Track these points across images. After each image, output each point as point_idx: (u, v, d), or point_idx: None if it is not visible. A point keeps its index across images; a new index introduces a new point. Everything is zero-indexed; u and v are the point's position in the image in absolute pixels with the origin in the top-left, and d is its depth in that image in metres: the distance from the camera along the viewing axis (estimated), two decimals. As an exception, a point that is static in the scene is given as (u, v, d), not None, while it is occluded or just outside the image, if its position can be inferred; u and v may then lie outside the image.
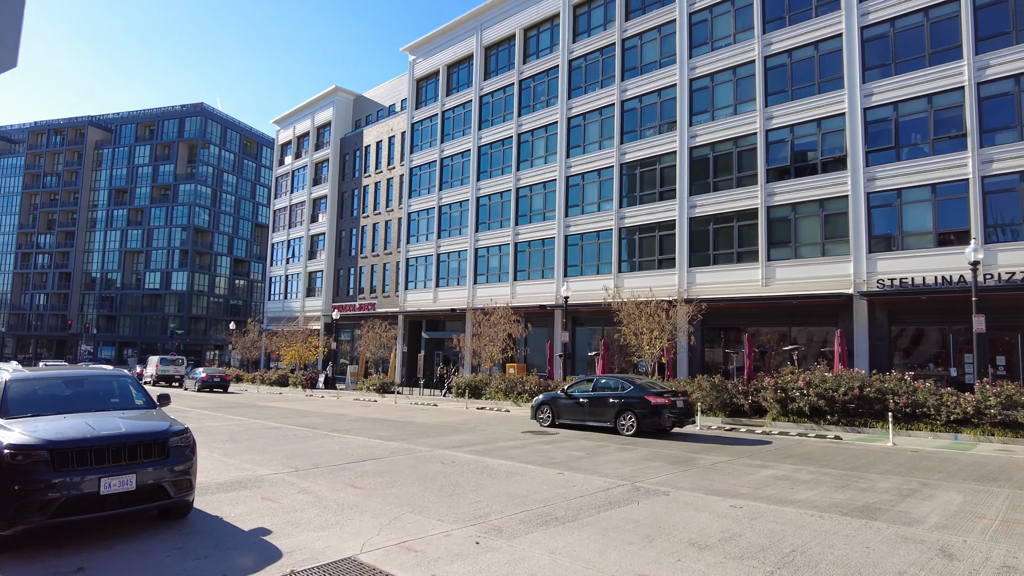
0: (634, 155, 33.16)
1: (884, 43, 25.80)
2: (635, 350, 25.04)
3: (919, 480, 10.37)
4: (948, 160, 23.57)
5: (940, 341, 23.98)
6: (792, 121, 27.75)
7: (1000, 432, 15.74)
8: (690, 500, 8.72)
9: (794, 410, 18.59)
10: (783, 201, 27.57)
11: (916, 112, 24.71)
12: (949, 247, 22.98)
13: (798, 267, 26.73)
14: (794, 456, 13.05)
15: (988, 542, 6.84)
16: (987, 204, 22.75)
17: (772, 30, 28.80)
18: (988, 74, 23.01)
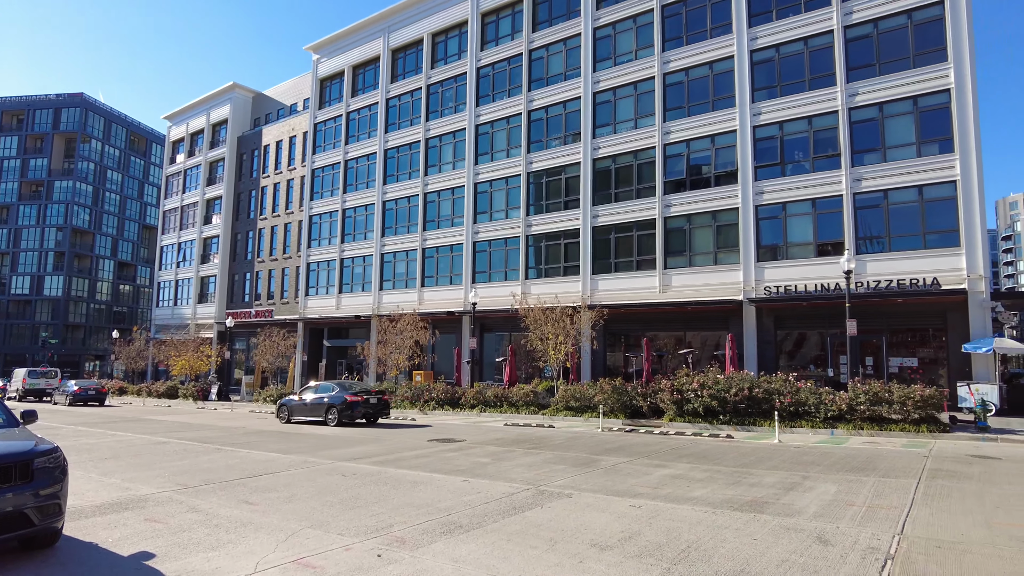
0: (541, 164, 33.77)
1: (771, 66, 27.72)
2: (541, 355, 25.45)
3: (801, 474, 11.12)
4: (826, 177, 25.62)
5: (819, 344, 25.95)
6: (688, 136, 29.23)
7: (868, 426, 17.21)
8: (592, 502, 8.91)
9: (689, 411, 19.49)
10: (679, 212, 28.95)
11: (799, 132, 26.70)
12: (827, 257, 24.94)
13: (693, 275, 28.12)
14: (689, 455, 13.66)
15: (857, 527, 7.42)
16: (858, 218, 24.90)
17: (671, 48, 30.25)
18: (857, 100, 25.24)
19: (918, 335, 24.44)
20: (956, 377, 21.99)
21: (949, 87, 23.52)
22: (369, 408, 21.41)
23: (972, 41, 23.38)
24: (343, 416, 20.87)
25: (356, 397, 21.12)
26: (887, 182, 24.40)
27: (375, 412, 21.68)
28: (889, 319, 24.25)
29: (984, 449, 14.38)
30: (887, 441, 15.86)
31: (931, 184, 23.60)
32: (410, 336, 29.77)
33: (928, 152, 23.92)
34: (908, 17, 24.85)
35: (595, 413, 20.88)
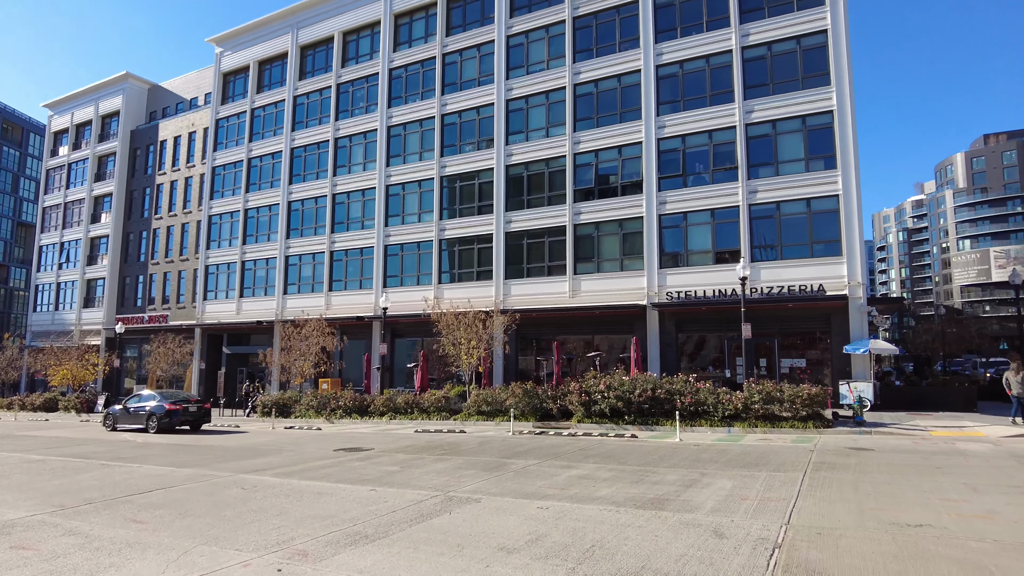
0: (454, 169, 33.72)
1: (675, 82, 29.02)
2: (454, 360, 25.34)
3: (699, 471, 11.65)
4: (724, 189, 27.08)
5: (718, 346, 27.33)
6: (597, 147, 30.09)
7: (762, 424, 18.29)
8: (501, 505, 8.96)
9: (597, 412, 20.01)
10: (588, 220, 29.73)
11: (700, 145, 28.07)
12: (724, 264, 26.33)
13: (601, 280, 28.94)
14: (596, 455, 14.01)
15: (749, 519, 7.86)
16: (753, 228, 26.47)
17: (582, 60, 31.05)
18: (753, 117, 26.88)
19: (806, 337, 26.26)
20: (838, 376, 23.78)
21: (832, 108, 25.50)
22: (189, 416, 22.97)
23: (851, 67, 25.47)
24: (162, 424, 22.30)
25: (176, 406, 22.71)
26: (779, 195, 26.11)
27: (196, 420, 23.33)
28: (781, 323, 25.92)
29: (860, 442, 15.62)
30: (778, 437, 16.90)
31: (817, 197, 25.47)
32: (316, 342, 28.82)
33: (815, 168, 25.81)
34: (797, 42, 26.74)
35: (506, 417, 21.02)
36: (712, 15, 28.43)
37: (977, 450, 13.83)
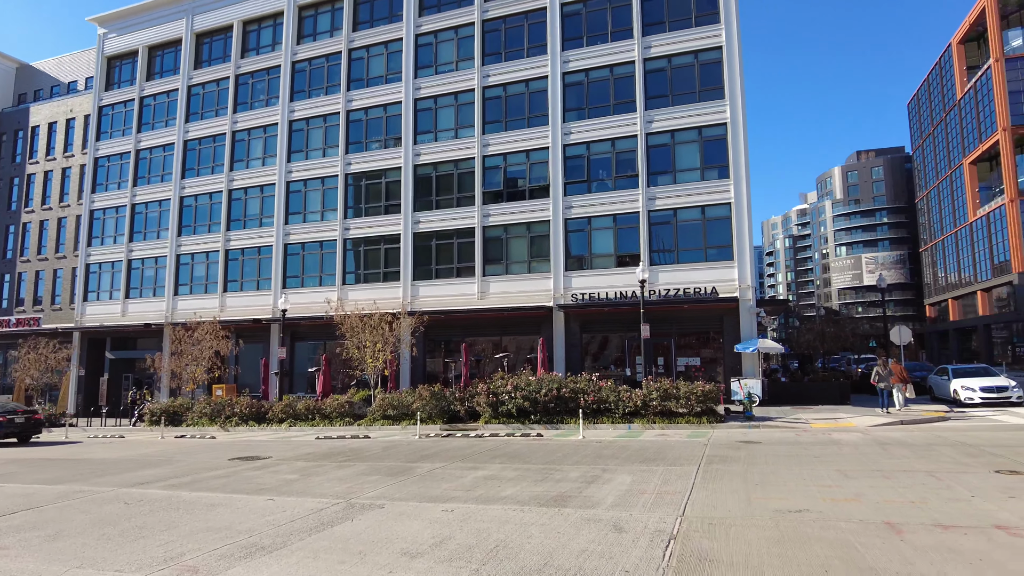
0: (360, 167, 32.99)
1: (581, 89, 29.78)
2: (358, 364, 24.75)
3: (601, 467, 12.00)
4: (626, 195, 28.07)
5: (620, 346, 28.27)
6: (505, 150, 30.37)
7: (660, 420, 19.10)
8: (405, 510, 8.84)
9: (504, 412, 20.18)
10: (497, 222, 29.95)
11: (603, 152, 28.95)
12: (626, 268, 27.27)
13: (509, 282, 29.23)
14: (502, 455, 14.12)
15: (647, 513, 8.19)
16: (652, 233, 27.60)
17: (491, 63, 31.24)
18: (654, 127, 28.04)
19: (701, 337, 27.67)
20: (730, 373, 25.22)
21: (726, 121, 27.04)
22: (14, 428, 22.21)
23: (743, 83, 27.13)
24: None
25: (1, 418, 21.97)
26: (677, 202, 27.38)
27: (22, 432, 22.55)
28: (677, 323, 27.18)
29: (750, 435, 16.64)
30: (675, 432, 17.70)
31: (711, 205, 26.93)
32: (210, 346, 27.30)
33: (710, 177, 27.27)
34: (695, 57, 28.16)
35: (413, 420, 20.77)
36: (617, 26, 29.43)
37: (849, 439, 15.07)
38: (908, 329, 26.10)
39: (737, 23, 27.39)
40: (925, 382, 27.42)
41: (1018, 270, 59.01)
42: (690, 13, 28.40)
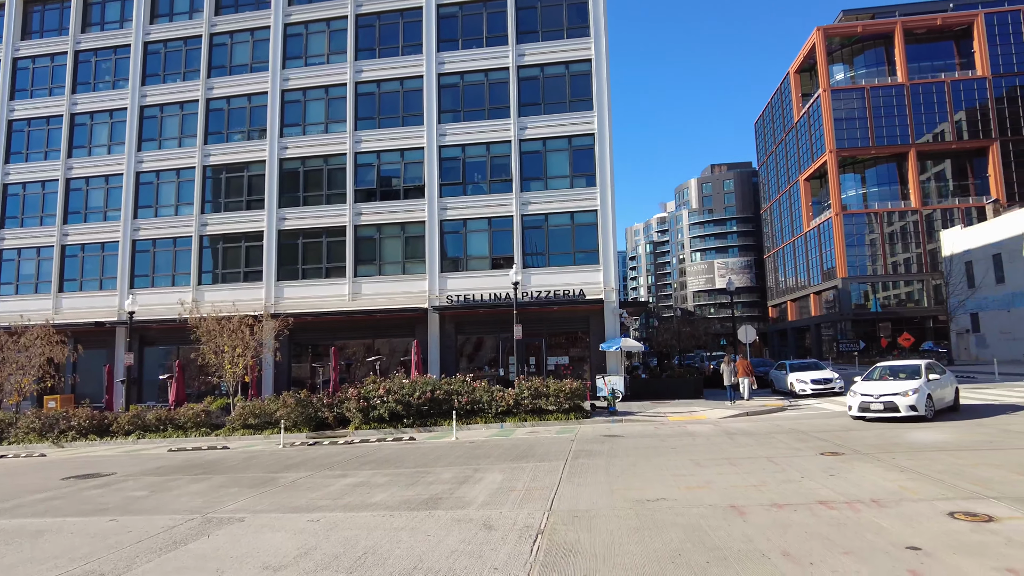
0: (220, 159, 30.93)
1: (456, 92, 29.86)
2: (215, 370, 23.13)
3: (473, 467, 12.10)
4: (500, 199, 28.52)
5: (494, 346, 28.65)
6: (379, 148, 29.79)
7: (531, 418, 19.58)
8: (267, 522, 8.40)
9: (375, 417, 19.74)
10: (370, 221, 29.30)
11: (479, 156, 29.23)
12: (500, 270, 27.70)
13: (382, 283, 28.68)
14: (373, 461, 13.82)
15: (516, 509, 8.37)
16: (525, 237, 28.25)
17: (364, 59, 30.50)
18: (527, 134, 28.72)
19: (570, 337, 28.71)
20: (596, 371, 26.37)
21: (593, 132, 28.28)
22: None
23: (610, 95, 28.52)
24: None
25: None
26: (548, 207, 28.23)
27: None
28: (548, 324, 28.01)
29: (613, 430, 17.50)
30: (545, 430, 18.23)
31: (580, 211, 28.04)
32: (40, 353, 24.32)
33: (578, 184, 28.37)
34: (566, 67, 29.19)
35: (277, 429, 19.75)
36: (492, 32, 29.84)
37: (701, 431, 16.30)
38: (753, 328, 28.65)
39: (606, 38, 28.76)
40: (767, 376, 30.26)
41: (842, 276, 66.86)
42: (562, 25, 29.43)
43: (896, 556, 5.83)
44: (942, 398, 16.78)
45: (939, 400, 16.51)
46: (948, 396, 17.24)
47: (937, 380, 16.83)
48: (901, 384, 16.20)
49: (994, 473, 9.12)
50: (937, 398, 16.37)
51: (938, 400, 16.42)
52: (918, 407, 15.47)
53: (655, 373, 32.19)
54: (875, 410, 15.96)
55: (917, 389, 15.70)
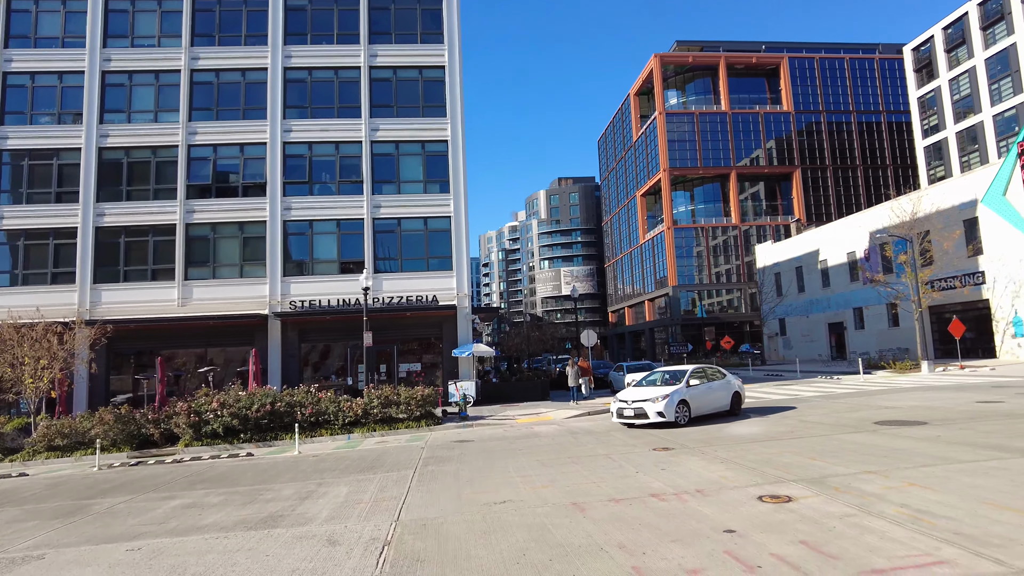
0: (22, 142, 27.06)
1: (304, 87, 28.58)
2: (12, 385, 20.12)
3: (317, 481, 11.59)
4: (350, 200, 27.69)
5: (342, 354, 27.69)
6: (216, 141, 27.70)
7: (381, 427, 19.16)
8: (76, 557, 7.44)
9: (208, 433, 18.25)
10: (204, 220, 27.13)
11: (327, 155, 28.16)
12: (349, 274, 26.87)
13: (217, 287, 26.65)
14: (205, 480, 12.76)
15: (362, 522, 8.14)
16: (377, 241, 27.67)
17: (201, 45, 28.24)
18: (379, 136, 28.19)
19: (422, 343, 28.51)
20: (448, 377, 26.44)
21: (447, 138, 28.40)
22: None
23: (463, 104, 28.82)
24: None
25: None
26: (401, 211, 27.88)
27: None
28: (400, 330, 27.62)
29: (463, 435, 17.62)
30: (395, 439, 17.92)
31: (433, 217, 28.00)
32: None
33: (432, 190, 28.33)
34: (419, 72, 29.06)
35: (92, 449, 17.57)
36: (343, 29, 28.95)
37: (547, 431, 16.91)
38: (594, 333, 30.30)
39: (459, 47, 29.05)
40: (607, 377, 32.13)
41: (673, 284, 72.85)
42: (416, 29, 29.28)
43: (715, 539, 6.43)
44: (710, 403, 16.79)
45: (706, 405, 16.60)
46: (720, 400, 17.13)
47: (699, 386, 16.71)
48: (655, 391, 16.18)
49: (794, 459, 10.39)
50: (702, 403, 16.46)
51: (704, 405, 16.53)
52: (666, 413, 15.42)
53: (505, 377, 32.93)
54: (627, 416, 16.10)
55: (667, 395, 15.66)
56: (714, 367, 18.38)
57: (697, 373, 17.29)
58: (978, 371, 27.06)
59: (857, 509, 7.15)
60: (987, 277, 33.05)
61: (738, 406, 17.63)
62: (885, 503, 7.33)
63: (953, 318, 31.91)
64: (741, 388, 18.06)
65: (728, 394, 17.45)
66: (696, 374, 17.18)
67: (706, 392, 16.83)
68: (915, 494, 7.65)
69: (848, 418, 15.17)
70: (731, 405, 17.40)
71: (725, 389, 17.50)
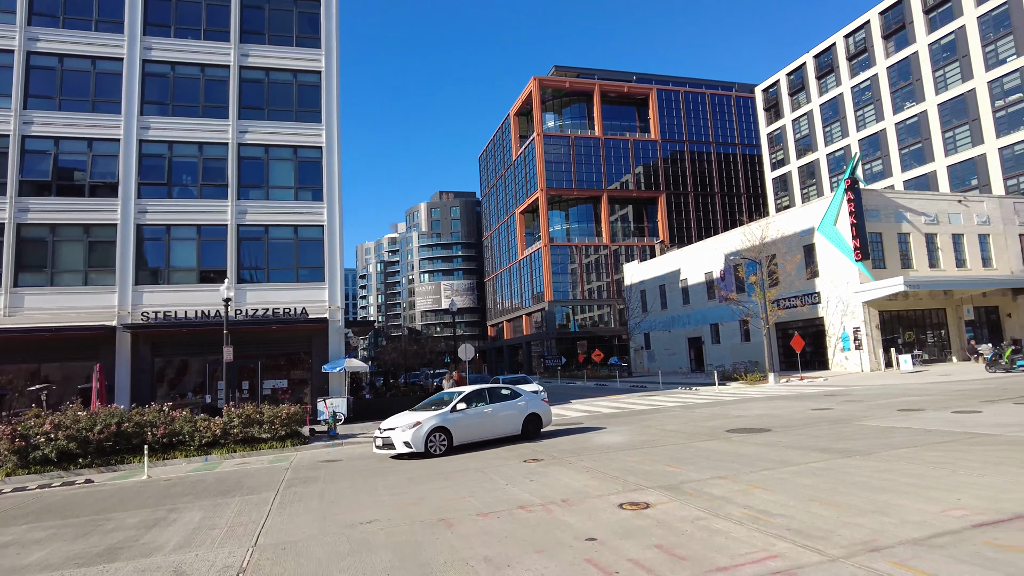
0: None
1: (165, 82, 26.57)
2: None
3: (168, 507, 10.66)
4: (213, 205, 25.99)
5: (201, 371, 25.78)
6: (59, 133, 25.05)
7: (242, 448, 17.99)
8: None
9: (38, 459, 16.24)
10: (41, 220, 24.36)
11: (189, 156, 26.31)
12: (210, 284, 25.14)
13: (57, 295, 23.97)
14: (30, 514, 11.31)
15: (216, 549, 7.58)
16: (242, 249, 26.16)
17: (42, 25, 25.49)
18: (247, 139, 26.76)
19: (290, 359, 27.20)
20: (318, 394, 25.39)
21: (321, 145, 27.52)
22: None
23: (339, 112, 28.10)
24: None
25: None
26: (269, 218, 26.56)
27: None
28: (266, 345, 26.19)
29: (333, 454, 16.97)
30: (257, 460, 16.89)
31: (305, 226, 26.92)
32: None
33: (304, 197, 27.26)
34: (294, 76, 27.99)
35: None
36: (212, 25, 27.30)
37: (420, 448, 16.67)
38: (472, 347, 30.42)
39: (338, 53, 28.34)
40: (483, 392, 32.28)
41: (548, 299, 74.96)
42: (291, 32, 28.22)
43: (578, 548, 6.63)
44: (488, 429, 15.51)
45: (479, 432, 15.34)
46: (503, 425, 15.82)
47: (468, 411, 15.28)
48: (412, 417, 14.89)
49: (654, 467, 10.98)
50: (473, 431, 15.20)
51: (476, 432, 15.28)
52: (413, 443, 14.14)
53: (380, 393, 32.16)
54: (379, 446, 14.78)
55: (416, 424, 14.43)
56: (511, 388, 16.85)
57: (473, 396, 15.82)
58: (814, 382, 30.12)
59: (707, 512, 7.68)
60: (822, 297, 36.97)
61: (535, 430, 16.37)
62: (732, 505, 7.93)
63: (795, 334, 35.37)
64: (543, 409, 16.71)
65: (519, 417, 16.08)
66: (471, 397, 15.74)
67: (478, 417, 15.37)
68: (757, 495, 8.34)
69: (704, 427, 16.29)
70: (523, 429, 16.10)
71: (513, 412, 16.05)
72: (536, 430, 16.52)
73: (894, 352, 34.21)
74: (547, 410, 17.04)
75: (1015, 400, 16.89)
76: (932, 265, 36.57)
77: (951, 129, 54.16)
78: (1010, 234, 39.15)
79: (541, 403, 16.96)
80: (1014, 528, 6.27)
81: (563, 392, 37.77)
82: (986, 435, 11.71)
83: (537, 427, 16.56)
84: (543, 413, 16.78)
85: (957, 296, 36.52)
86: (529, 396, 16.87)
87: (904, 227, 36.33)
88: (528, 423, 16.33)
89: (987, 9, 51.30)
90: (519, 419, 16.19)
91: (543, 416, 16.74)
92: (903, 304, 35.41)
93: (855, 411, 17.19)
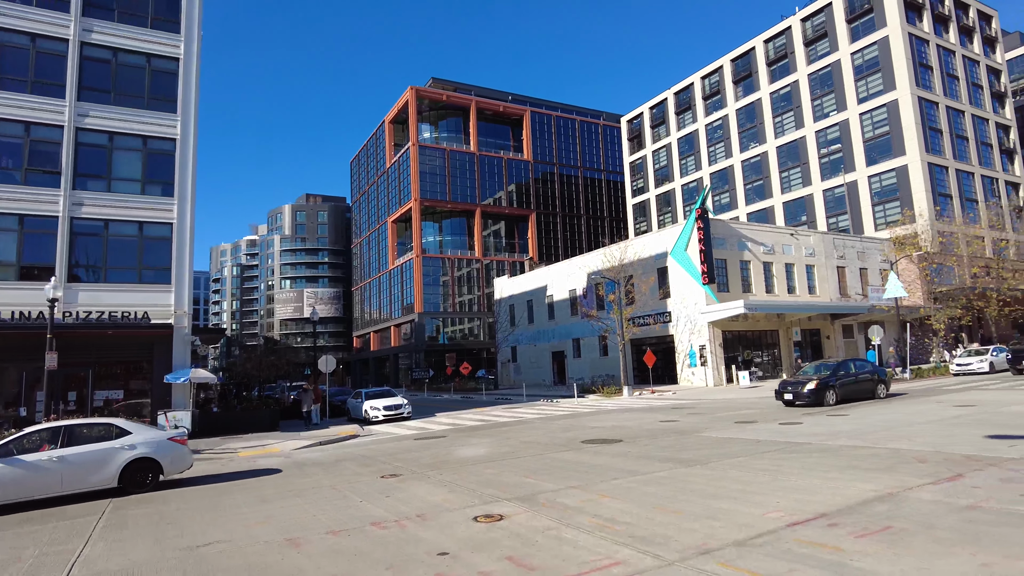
0: None
1: (-17, 51, 23.38)
2: None
3: (-42, 538, 9.22)
4: (41, 193, 23.15)
5: (16, 379, 22.70)
6: None
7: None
8: None
9: None
10: None
11: (13, 136, 23.28)
12: (34, 282, 22.26)
13: None
14: None
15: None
16: (75, 244, 23.49)
17: None
18: (88, 123, 24.17)
19: (128, 367, 24.69)
20: (159, 406, 23.23)
21: (175, 137, 25.45)
22: None
23: (198, 104, 26.19)
24: None
25: None
26: (110, 212, 24.06)
27: None
28: (99, 351, 23.60)
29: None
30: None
31: (151, 223, 24.66)
32: None
33: (152, 192, 25.01)
34: (147, 60, 25.70)
35: None
36: (48, -8, 24.44)
37: (271, 464, 15.78)
38: (333, 358, 29.33)
39: (199, 41, 26.46)
40: (344, 404, 31.24)
41: (419, 311, 74.27)
42: (147, 12, 25.93)
43: (429, 563, 6.56)
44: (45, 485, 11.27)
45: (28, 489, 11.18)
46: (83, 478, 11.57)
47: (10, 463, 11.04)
48: None
49: (511, 478, 11.16)
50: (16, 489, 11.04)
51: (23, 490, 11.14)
52: None
53: (230, 406, 30.10)
54: None
55: None
56: (111, 424, 12.47)
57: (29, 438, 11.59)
58: (664, 395, 32.18)
59: (558, 522, 7.91)
60: (673, 316, 39.71)
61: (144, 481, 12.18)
62: (582, 514, 8.23)
63: (647, 350, 37.64)
64: (159, 454, 12.35)
65: (110, 467, 11.86)
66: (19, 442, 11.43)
67: (31, 472, 11.24)
68: (606, 504, 8.72)
69: (561, 438, 16.83)
70: (120, 480, 11.94)
71: (101, 460, 11.82)
72: (144, 482, 12.21)
73: (734, 368, 37.41)
74: (166, 455, 12.47)
75: (828, 413, 19.09)
76: (768, 290, 40.58)
77: (787, 170, 60.79)
78: (830, 266, 44.41)
79: (165, 447, 12.55)
80: (816, 526, 7.06)
81: (429, 405, 37.50)
82: (803, 443, 13.10)
83: (156, 476, 12.38)
84: (163, 458, 12.39)
85: (788, 319, 40.72)
86: (151, 436, 12.58)
87: (746, 255, 40.04)
88: (129, 473, 12.06)
89: (816, 68, 58.41)
90: (113, 470, 11.92)
91: (163, 463, 12.42)
92: (743, 325, 38.89)
93: (698, 423, 18.56)
